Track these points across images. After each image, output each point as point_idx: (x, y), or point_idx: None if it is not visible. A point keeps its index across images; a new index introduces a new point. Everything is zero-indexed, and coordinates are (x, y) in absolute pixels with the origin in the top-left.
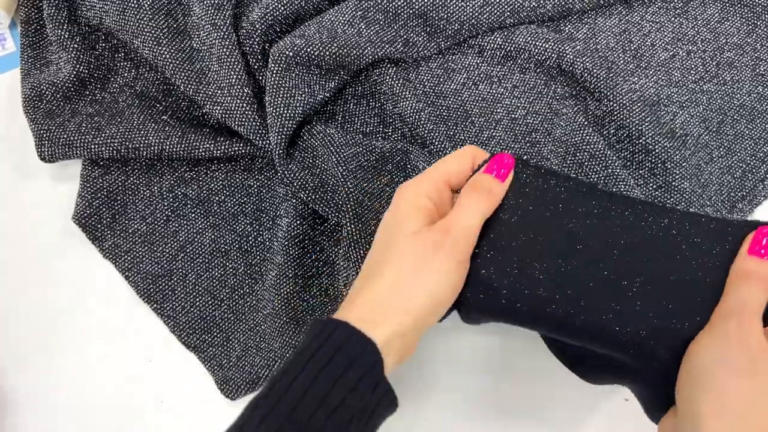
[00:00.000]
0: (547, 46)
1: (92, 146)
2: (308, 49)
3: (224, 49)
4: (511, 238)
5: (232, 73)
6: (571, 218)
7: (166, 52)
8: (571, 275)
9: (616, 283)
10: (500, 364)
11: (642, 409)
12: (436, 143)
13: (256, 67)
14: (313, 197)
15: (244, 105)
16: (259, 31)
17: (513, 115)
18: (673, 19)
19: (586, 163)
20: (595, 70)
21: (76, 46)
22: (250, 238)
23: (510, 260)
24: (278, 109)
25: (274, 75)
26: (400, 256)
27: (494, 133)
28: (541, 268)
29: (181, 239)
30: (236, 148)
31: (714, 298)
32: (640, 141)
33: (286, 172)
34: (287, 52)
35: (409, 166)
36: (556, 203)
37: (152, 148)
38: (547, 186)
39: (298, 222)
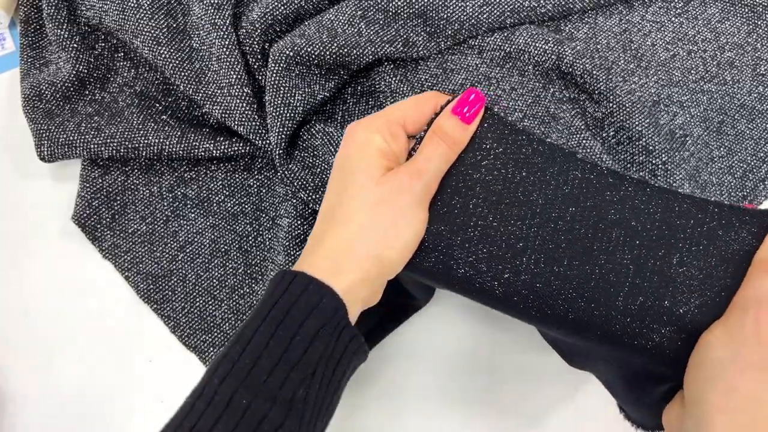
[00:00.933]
0: (546, 47)
1: (92, 146)
2: (308, 49)
3: (224, 49)
4: (471, 198)
5: (232, 72)
6: (545, 185)
7: (165, 52)
8: (546, 251)
9: (599, 263)
10: (495, 360)
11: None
12: None
13: (256, 66)
14: (314, 197)
15: (244, 105)
16: (259, 31)
17: (510, 118)
18: (673, 18)
19: None
20: (594, 72)
21: (75, 45)
22: (250, 238)
23: (467, 223)
24: (278, 109)
25: (274, 75)
26: (364, 201)
27: None
28: (503, 238)
29: (180, 239)
30: (236, 148)
31: (726, 287)
32: (640, 142)
33: (286, 171)
34: (287, 52)
35: None
36: (528, 166)
37: (152, 147)
38: (518, 146)
39: (299, 222)
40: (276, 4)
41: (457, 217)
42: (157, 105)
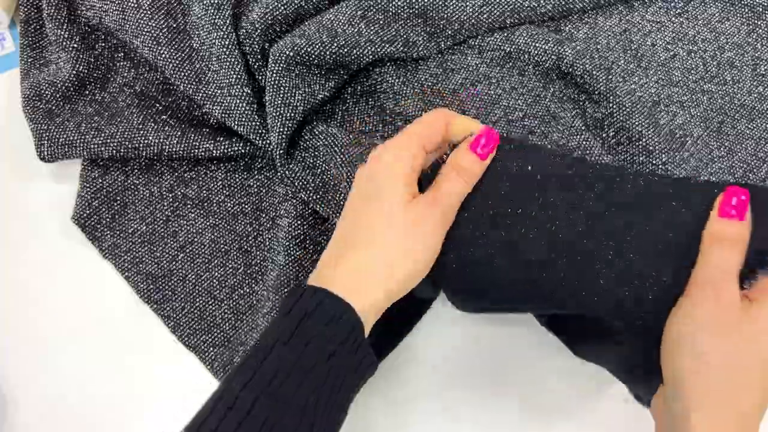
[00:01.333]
0: (546, 47)
1: (92, 146)
2: (308, 49)
3: (224, 49)
4: (492, 214)
5: (232, 72)
6: (551, 190)
7: (165, 52)
8: (559, 247)
9: (600, 251)
10: (497, 360)
11: (630, 391)
12: None
13: (256, 66)
14: (314, 197)
15: (244, 105)
16: (259, 31)
17: (510, 117)
18: (673, 18)
19: None
20: (594, 72)
21: (75, 45)
22: (250, 238)
23: (494, 235)
24: (278, 109)
25: (274, 75)
26: (389, 226)
27: None
28: (525, 243)
29: (180, 239)
30: (236, 148)
31: (684, 256)
32: (641, 143)
33: (287, 172)
34: (287, 52)
35: None
36: (536, 178)
37: (152, 147)
38: (525, 161)
39: (299, 222)
40: (276, 4)
41: (486, 235)
42: (157, 105)
